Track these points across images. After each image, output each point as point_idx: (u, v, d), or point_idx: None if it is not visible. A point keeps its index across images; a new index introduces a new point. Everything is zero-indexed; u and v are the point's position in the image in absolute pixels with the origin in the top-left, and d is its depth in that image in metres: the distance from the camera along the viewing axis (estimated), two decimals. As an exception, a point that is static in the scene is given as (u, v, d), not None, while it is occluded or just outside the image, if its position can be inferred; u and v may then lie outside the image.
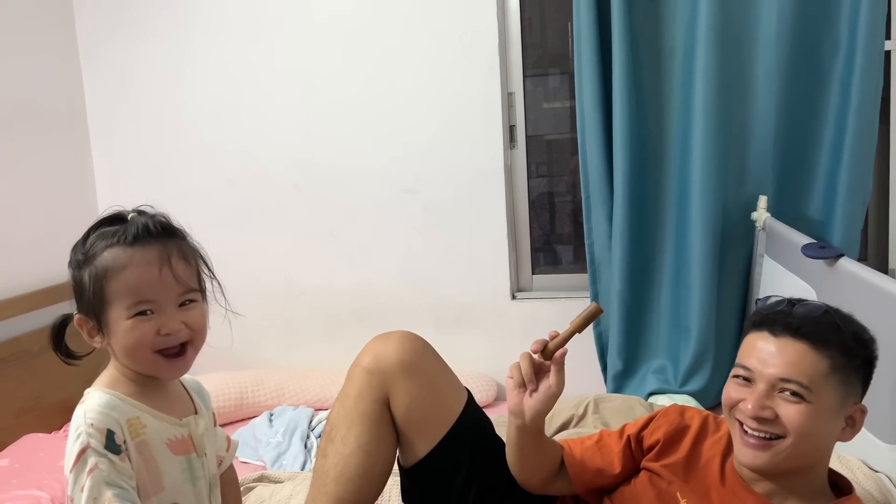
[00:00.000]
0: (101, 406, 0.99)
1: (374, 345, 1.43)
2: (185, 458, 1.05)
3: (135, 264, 0.99)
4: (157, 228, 1.02)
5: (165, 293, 1.00)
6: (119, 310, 0.99)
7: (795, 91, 2.29)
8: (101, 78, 2.85)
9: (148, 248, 1.01)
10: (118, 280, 0.98)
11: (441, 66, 2.61)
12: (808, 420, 1.07)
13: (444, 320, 2.71)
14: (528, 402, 1.22)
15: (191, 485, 1.06)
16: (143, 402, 1.03)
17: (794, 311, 1.12)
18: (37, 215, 2.60)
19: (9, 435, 2.26)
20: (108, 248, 1.00)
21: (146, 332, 0.99)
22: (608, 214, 2.45)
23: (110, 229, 1.02)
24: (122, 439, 0.97)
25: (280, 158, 2.77)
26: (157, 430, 1.02)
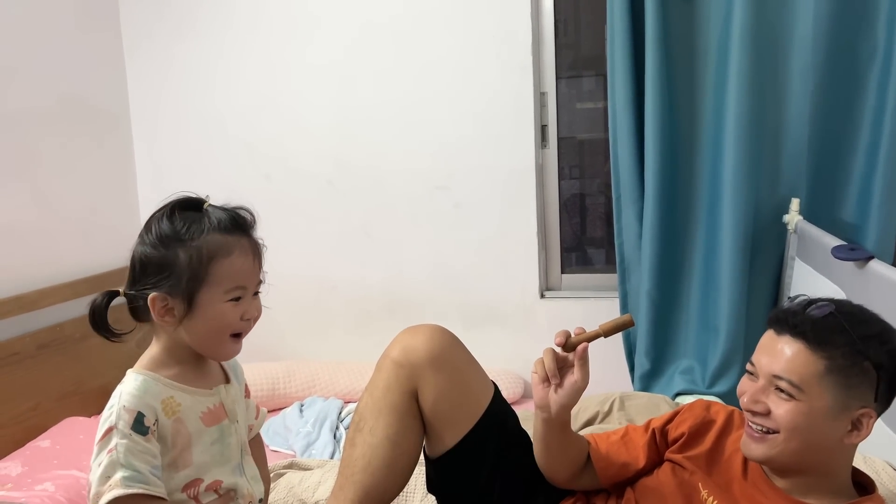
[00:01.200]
0: (136, 389, 1.05)
1: (403, 337, 1.45)
2: (216, 428, 1.10)
3: (238, 252, 1.06)
4: (246, 221, 1.10)
5: (252, 282, 1.08)
6: (217, 292, 1.05)
7: (831, 92, 2.27)
8: (144, 75, 2.92)
9: (243, 238, 1.08)
10: (223, 264, 1.04)
11: (474, 65, 2.64)
12: (797, 418, 1.10)
13: (472, 317, 2.74)
14: (554, 396, 1.25)
15: (221, 454, 1.10)
16: (179, 381, 1.08)
17: (805, 311, 1.13)
18: (80, 207, 2.69)
19: (50, 418, 2.34)
20: (208, 233, 1.05)
21: (234, 316, 1.06)
22: (639, 214, 2.46)
23: (198, 215, 1.07)
24: (151, 421, 1.02)
25: (315, 155, 2.82)
26: (191, 405, 1.08)
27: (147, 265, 1.07)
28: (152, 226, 1.09)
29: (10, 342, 2.27)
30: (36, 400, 2.34)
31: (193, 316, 1.05)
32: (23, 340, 2.32)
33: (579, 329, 1.28)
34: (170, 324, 1.07)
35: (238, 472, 1.14)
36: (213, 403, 1.12)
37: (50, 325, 2.44)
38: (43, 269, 2.48)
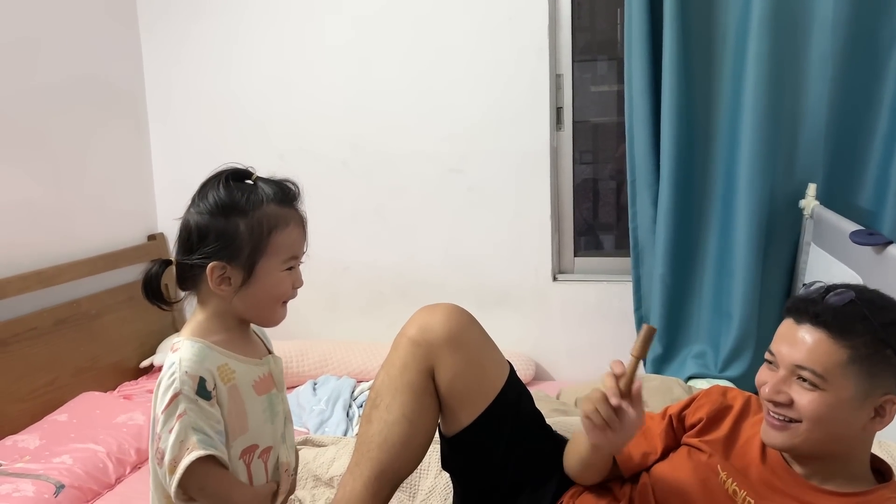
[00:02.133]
0: (195, 354, 1.04)
1: (420, 316, 1.46)
2: (266, 397, 1.12)
3: (294, 223, 1.09)
4: (296, 193, 1.13)
5: (302, 252, 1.12)
6: (275, 261, 1.08)
7: (850, 78, 2.26)
8: (159, 55, 2.93)
9: (294, 210, 1.11)
10: (283, 234, 1.07)
11: (490, 46, 2.63)
12: (821, 408, 1.09)
13: (484, 300, 2.74)
14: (612, 437, 1.18)
15: (270, 423, 1.12)
16: (229, 349, 1.09)
17: (825, 299, 1.12)
18: (97, 185, 2.70)
19: (67, 392, 2.37)
20: (266, 204, 1.07)
21: (288, 285, 1.10)
22: (653, 199, 2.45)
23: (252, 187, 1.09)
24: (212, 385, 1.04)
25: (330, 136, 2.82)
26: (245, 373, 1.09)
27: (206, 233, 1.06)
28: (208, 194, 1.08)
29: (29, 317, 2.30)
30: (53, 374, 2.37)
31: (251, 285, 1.07)
32: (41, 316, 2.34)
33: (619, 370, 1.17)
34: (226, 292, 1.07)
35: (281, 441, 1.16)
36: (263, 373, 1.13)
37: (67, 300, 2.46)
38: (60, 246, 2.50)
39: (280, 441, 1.15)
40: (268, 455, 1.12)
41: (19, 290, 2.27)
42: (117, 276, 2.71)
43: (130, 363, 2.70)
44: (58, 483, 1.86)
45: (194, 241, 1.07)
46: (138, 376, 2.71)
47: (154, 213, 2.99)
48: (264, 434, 1.11)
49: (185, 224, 1.09)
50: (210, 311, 1.10)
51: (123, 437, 2.10)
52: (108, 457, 2.01)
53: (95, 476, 1.95)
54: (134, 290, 2.75)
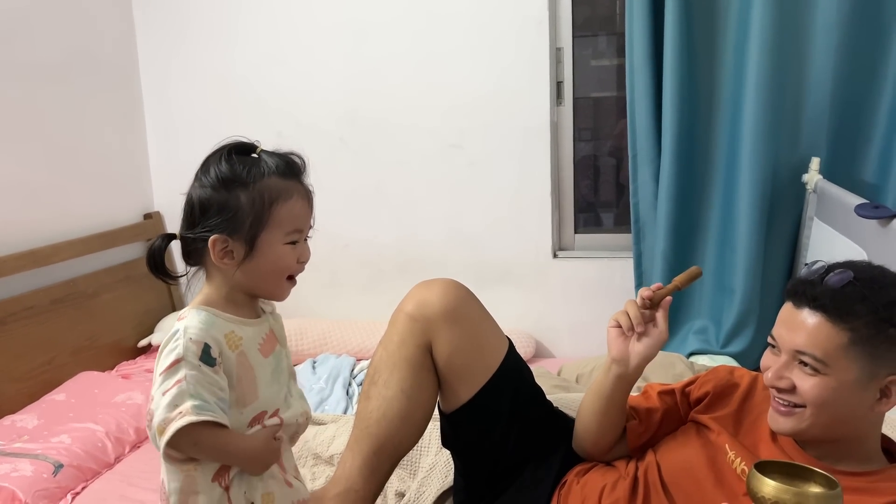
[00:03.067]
0: (201, 322, 1.04)
1: (417, 291, 1.44)
2: (272, 357, 1.12)
3: (297, 195, 1.08)
4: (301, 166, 1.12)
5: (307, 226, 1.11)
6: (277, 234, 1.06)
7: (855, 50, 2.22)
8: (153, 30, 2.88)
9: (299, 183, 1.10)
10: (285, 207, 1.06)
11: (489, 20, 2.59)
12: (824, 392, 1.07)
13: (485, 276, 2.72)
14: (636, 347, 1.27)
15: (277, 384, 1.12)
16: (234, 312, 1.09)
17: (824, 280, 1.09)
18: (92, 162, 2.67)
19: (65, 372, 2.35)
20: (268, 177, 1.06)
21: (292, 259, 1.08)
22: (655, 174, 2.43)
23: (255, 160, 1.07)
24: (217, 353, 1.03)
25: (328, 112, 2.79)
26: (251, 337, 1.09)
27: (208, 207, 1.06)
28: (210, 168, 1.07)
29: (25, 297, 2.29)
30: (51, 354, 2.36)
31: (253, 258, 1.06)
32: (37, 295, 2.33)
33: (657, 285, 1.30)
34: (229, 266, 1.06)
35: (287, 397, 1.15)
36: (265, 332, 1.13)
37: (64, 279, 2.45)
38: (56, 225, 2.48)
39: (284, 400, 1.14)
40: (278, 413, 1.12)
41: (15, 270, 2.26)
42: (114, 255, 2.69)
43: (129, 342, 2.69)
44: (56, 462, 1.86)
45: (197, 215, 1.07)
46: (136, 356, 2.70)
47: (150, 192, 2.96)
48: (272, 398, 1.11)
49: (189, 198, 1.09)
50: (216, 285, 1.10)
51: (122, 417, 2.10)
52: (106, 436, 2.00)
53: (94, 455, 1.94)
54: (131, 269, 2.74)
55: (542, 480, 1.41)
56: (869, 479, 1.10)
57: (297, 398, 1.18)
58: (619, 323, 1.27)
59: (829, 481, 0.94)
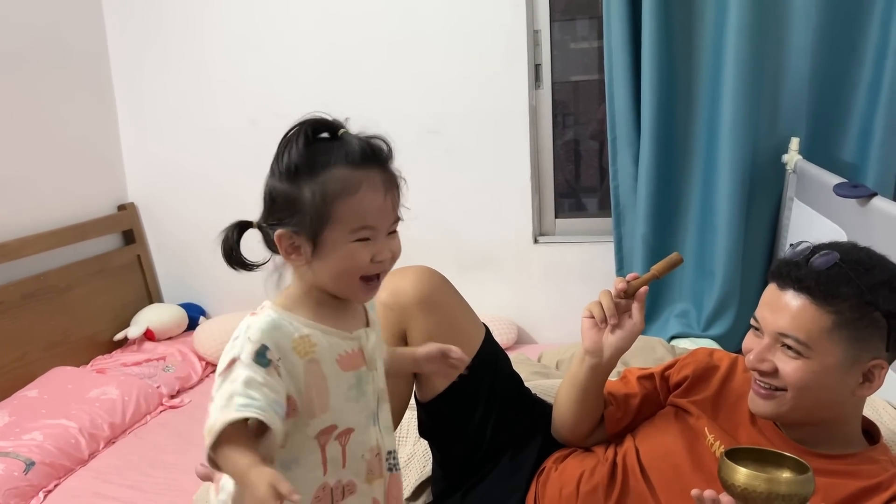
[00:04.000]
0: (265, 324, 0.96)
1: (391, 279, 1.40)
2: (354, 374, 1.02)
3: (366, 188, 0.95)
4: (381, 152, 1.00)
5: (384, 221, 0.98)
6: (342, 232, 0.96)
7: (833, 29, 2.21)
8: (122, 16, 2.82)
9: (374, 172, 0.97)
10: (350, 202, 0.95)
11: (465, 3, 2.55)
12: (807, 376, 1.06)
13: (465, 263, 2.70)
14: (610, 339, 1.24)
15: (355, 401, 1.01)
16: (316, 321, 1.00)
17: (809, 262, 1.07)
18: (62, 153, 2.62)
19: (37, 367, 2.31)
20: (335, 166, 0.95)
21: (363, 258, 0.97)
22: (634, 157, 2.40)
23: (329, 145, 0.97)
24: (275, 356, 0.94)
25: (302, 99, 2.73)
26: (329, 346, 0.99)
27: (275, 199, 0.98)
28: (283, 154, 0.97)
29: (-6, 292, 2.24)
30: (22, 350, 2.31)
31: (320, 256, 0.96)
32: (6, 290, 2.28)
33: (633, 274, 1.26)
34: (298, 262, 0.99)
35: (372, 421, 1.04)
36: (352, 348, 1.02)
37: (35, 273, 2.40)
38: (25, 217, 2.43)
39: (367, 423, 1.04)
40: (347, 438, 1.01)
41: (-17, 264, 2.21)
42: (87, 248, 2.64)
43: (104, 336, 2.64)
44: (28, 460, 1.82)
45: (267, 206, 0.99)
46: (112, 350, 2.65)
47: (124, 182, 2.90)
48: (346, 414, 1.00)
49: (265, 186, 1.01)
50: (298, 282, 1.02)
51: (96, 412, 2.06)
52: (80, 432, 1.97)
53: (67, 452, 1.91)
54: (105, 262, 2.69)
55: (521, 468, 1.39)
56: (848, 462, 1.09)
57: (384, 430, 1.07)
58: (592, 314, 1.25)
59: (801, 465, 0.93)
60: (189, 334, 2.73)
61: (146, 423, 2.16)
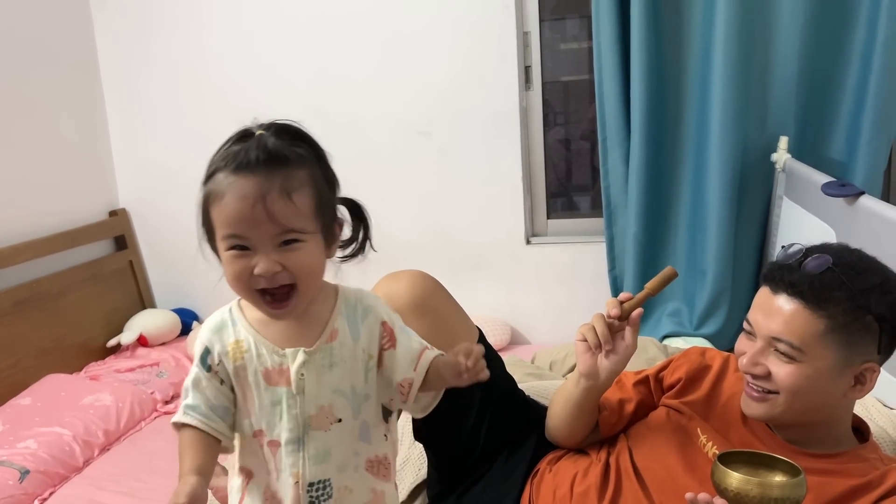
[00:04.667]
0: (213, 323, 0.99)
1: (384, 283, 1.43)
2: (276, 390, 0.97)
3: (230, 195, 0.89)
4: (265, 157, 0.91)
5: (259, 231, 0.90)
6: (219, 239, 0.93)
7: (820, 28, 2.22)
8: (111, 21, 2.81)
9: (248, 179, 0.90)
10: (217, 208, 0.91)
11: (455, 4, 2.55)
12: (799, 380, 1.06)
13: (458, 264, 2.71)
14: (604, 363, 1.22)
15: (277, 418, 0.97)
16: (258, 327, 0.98)
17: (801, 266, 1.07)
18: (52, 159, 2.61)
19: (30, 375, 2.30)
20: (218, 171, 0.92)
21: (242, 269, 0.91)
22: (625, 156, 2.41)
23: (230, 149, 0.93)
24: (215, 360, 0.97)
25: (292, 102, 2.73)
26: (256, 356, 0.97)
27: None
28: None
29: (-14, 299, 2.23)
30: (15, 357, 2.30)
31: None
32: (-2, 297, 2.28)
33: (626, 295, 1.25)
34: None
35: (297, 447, 0.97)
36: (278, 364, 0.96)
37: (27, 280, 2.39)
38: (16, 224, 2.42)
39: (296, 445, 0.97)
40: (276, 448, 0.98)
41: (-26, 272, 2.20)
42: (79, 254, 2.63)
43: (97, 343, 2.63)
44: (22, 468, 1.82)
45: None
46: (106, 356, 2.64)
47: (115, 188, 2.89)
48: (271, 425, 0.98)
49: None
50: None
51: (90, 419, 2.06)
52: (74, 439, 1.97)
53: (62, 460, 1.91)
54: (97, 268, 2.68)
55: (515, 470, 1.40)
56: (839, 461, 1.10)
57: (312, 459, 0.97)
58: (585, 338, 1.23)
59: (793, 468, 0.94)
60: (182, 339, 2.73)
61: (141, 430, 2.16)
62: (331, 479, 0.99)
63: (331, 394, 0.98)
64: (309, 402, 0.97)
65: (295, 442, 0.97)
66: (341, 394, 0.99)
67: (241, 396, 0.98)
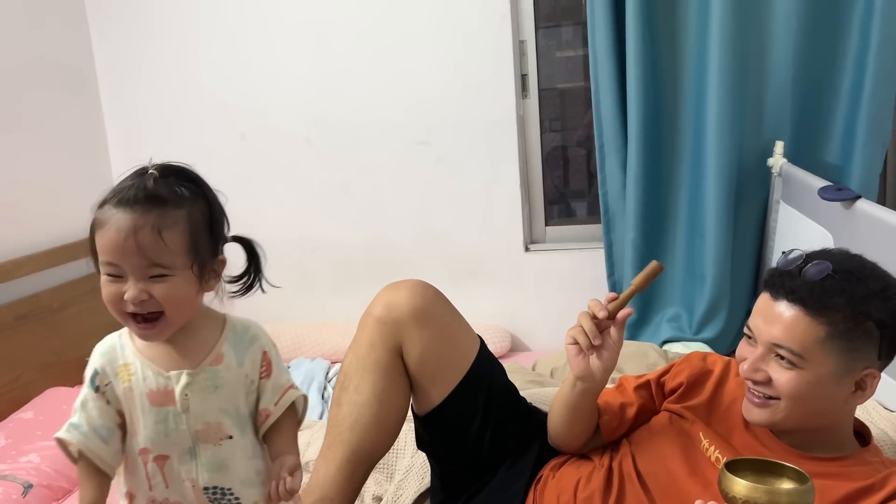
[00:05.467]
0: (102, 346, 1.08)
1: (385, 294, 1.43)
2: (161, 410, 1.04)
3: (108, 226, 1.00)
4: (143, 195, 1.01)
5: (129, 262, 0.99)
6: (100, 263, 1.03)
7: (814, 33, 2.23)
8: (108, 33, 2.82)
9: (126, 213, 1.00)
10: (98, 235, 1.01)
11: (451, 14, 2.57)
12: (801, 386, 1.06)
13: (457, 272, 2.72)
14: (596, 362, 1.22)
15: (164, 436, 1.05)
16: (144, 350, 1.06)
17: (802, 272, 1.08)
18: (53, 174, 2.62)
19: (32, 389, 2.30)
20: (106, 202, 1.02)
21: (115, 293, 1.01)
22: (622, 163, 2.43)
23: (122, 184, 1.04)
24: (104, 382, 1.05)
25: (292, 113, 2.76)
26: (142, 378, 1.05)
27: None
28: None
29: (-13, 314, 2.23)
30: (17, 372, 2.30)
31: None
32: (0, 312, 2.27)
33: (612, 295, 1.24)
34: None
35: (189, 457, 1.06)
36: (163, 386, 1.04)
37: (27, 295, 2.39)
38: (16, 239, 2.42)
39: (183, 456, 1.06)
40: (163, 462, 1.05)
41: (-25, 287, 2.20)
42: (79, 267, 2.62)
43: (97, 356, 2.63)
44: (25, 483, 1.81)
45: None
46: (107, 368, 2.65)
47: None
48: (156, 443, 1.05)
49: None
50: None
51: (93, 432, 2.06)
52: (77, 453, 1.96)
53: (66, 474, 1.90)
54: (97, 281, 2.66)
55: (518, 477, 1.40)
56: (842, 464, 1.10)
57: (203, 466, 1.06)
58: (576, 340, 1.22)
59: (801, 476, 0.94)
60: (183, 351, 2.73)
61: (143, 442, 2.16)
62: (233, 489, 1.08)
63: (217, 412, 1.07)
64: (195, 419, 1.06)
65: (187, 453, 1.06)
66: (227, 413, 1.07)
67: (129, 417, 1.05)
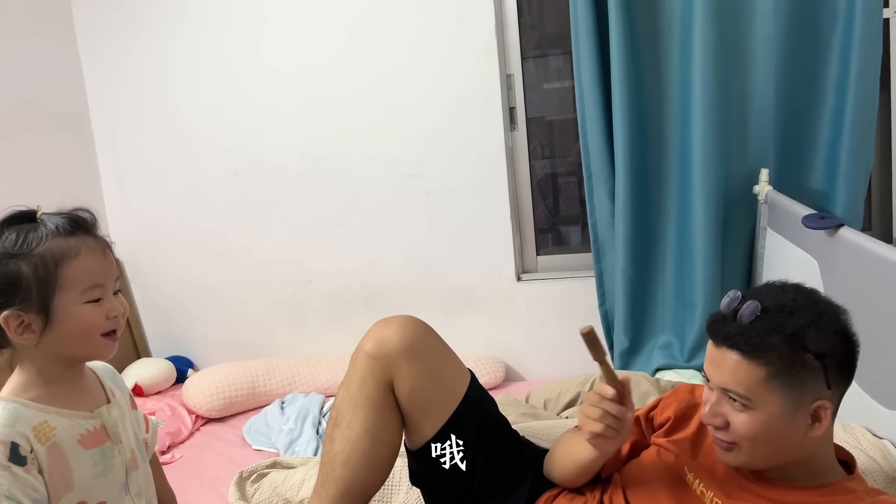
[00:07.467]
0: (5, 418, 0.99)
1: (375, 330, 1.44)
2: (97, 451, 1.06)
3: (86, 251, 1.02)
4: (86, 221, 1.07)
5: (109, 278, 1.05)
6: (73, 295, 1.01)
7: (795, 61, 2.28)
8: (101, 76, 2.86)
9: (87, 237, 1.04)
10: (73, 266, 1.01)
11: (439, 50, 2.61)
12: (755, 427, 1.07)
13: (450, 303, 2.73)
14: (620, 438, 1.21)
15: (103, 476, 1.05)
16: (51, 404, 1.03)
17: (737, 314, 1.07)
18: (45, 213, 2.63)
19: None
20: (49, 239, 1.01)
21: (98, 317, 1.03)
22: (610, 193, 2.45)
23: (33, 225, 1.03)
24: (27, 450, 0.98)
25: (283, 148, 2.79)
26: (68, 428, 1.03)
27: None
28: None
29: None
30: None
31: (54, 325, 1.00)
32: (-7, 353, 2.27)
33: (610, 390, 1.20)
34: (30, 341, 1.01)
35: (123, 491, 1.09)
36: (94, 426, 1.06)
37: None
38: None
39: (119, 493, 1.08)
40: None
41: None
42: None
43: None
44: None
45: None
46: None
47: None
48: (94, 489, 1.04)
49: None
50: (27, 367, 1.04)
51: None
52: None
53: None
54: None
55: (512, 510, 1.41)
56: (823, 493, 1.11)
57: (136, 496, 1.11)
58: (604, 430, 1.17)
59: None
60: (178, 388, 2.73)
61: (137, 481, 2.15)
62: None
63: (133, 438, 1.14)
64: (125, 448, 1.11)
65: (122, 487, 1.09)
66: (136, 440, 1.15)
67: (56, 477, 1.00)
